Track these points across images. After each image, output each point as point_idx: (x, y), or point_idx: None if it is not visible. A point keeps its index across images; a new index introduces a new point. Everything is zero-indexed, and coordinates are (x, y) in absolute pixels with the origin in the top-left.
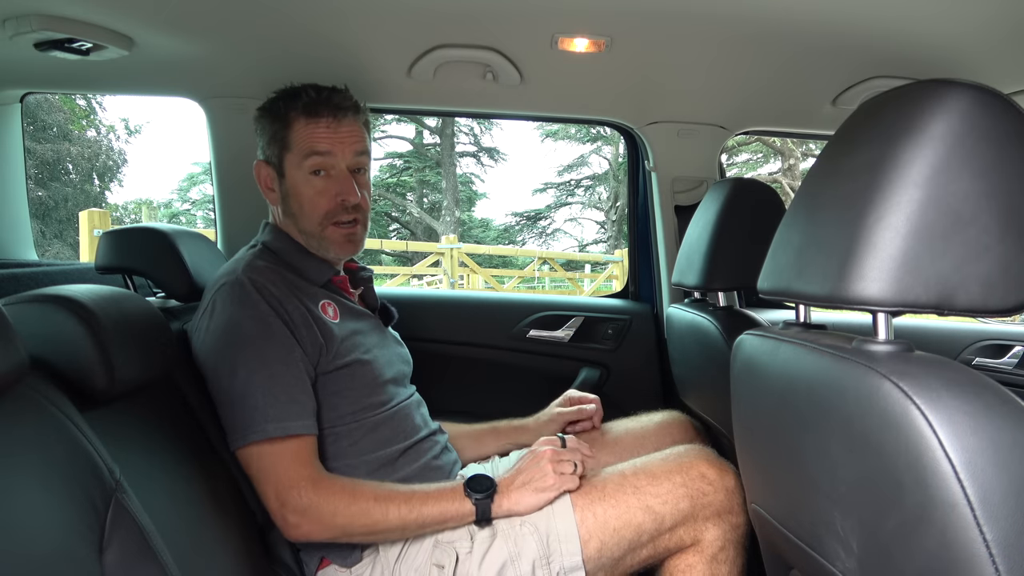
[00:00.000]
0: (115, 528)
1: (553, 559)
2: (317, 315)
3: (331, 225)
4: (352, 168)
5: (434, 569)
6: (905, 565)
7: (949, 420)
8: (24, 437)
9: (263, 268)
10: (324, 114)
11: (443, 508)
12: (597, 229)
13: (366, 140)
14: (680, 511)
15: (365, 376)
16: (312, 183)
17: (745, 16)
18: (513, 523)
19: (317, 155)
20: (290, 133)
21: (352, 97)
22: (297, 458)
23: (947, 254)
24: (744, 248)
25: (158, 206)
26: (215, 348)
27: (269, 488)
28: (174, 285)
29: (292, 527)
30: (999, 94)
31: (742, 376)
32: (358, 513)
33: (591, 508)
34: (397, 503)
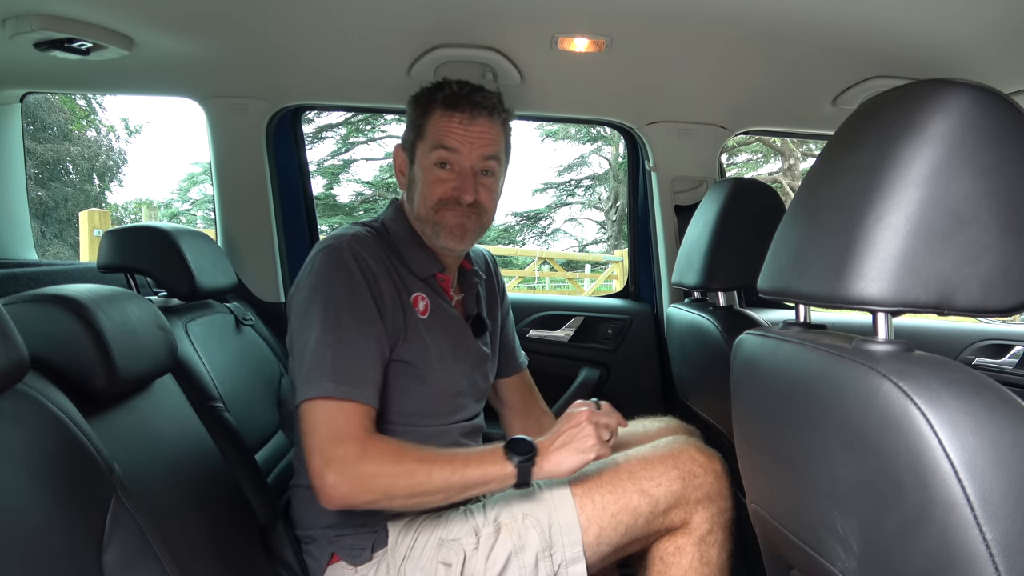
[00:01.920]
0: (115, 528)
1: (555, 550)
2: (407, 303)
3: (444, 209)
4: (477, 169)
5: (441, 567)
6: (905, 565)
7: (949, 420)
8: (24, 437)
9: (368, 242)
10: (461, 109)
11: (485, 470)
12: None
13: (498, 143)
14: (673, 492)
15: (436, 386)
16: (435, 172)
17: (745, 16)
18: (516, 517)
19: (444, 149)
20: (427, 122)
21: (494, 98)
22: (349, 419)
23: (947, 254)
24: (744, 248)
25: (158, 206)
26: (302, 303)
27: (315, 445)
28: (176, 284)
29: (330, 487)
30: (999, 94)
31: (742, 376)
32: (403, 472)
33: (589, 496)
34: (441, 464)
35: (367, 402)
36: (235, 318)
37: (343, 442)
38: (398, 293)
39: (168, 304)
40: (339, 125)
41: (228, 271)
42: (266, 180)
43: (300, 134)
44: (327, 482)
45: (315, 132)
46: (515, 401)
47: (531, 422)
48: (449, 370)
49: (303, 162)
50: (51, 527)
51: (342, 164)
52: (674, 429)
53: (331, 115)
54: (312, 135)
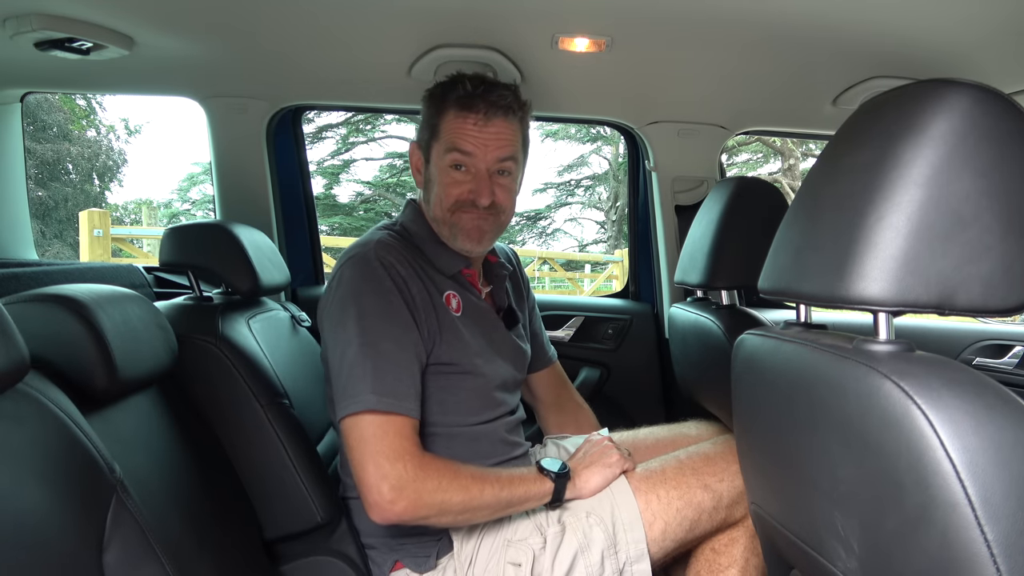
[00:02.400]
0: (115, 528)
1: (620, 548)
2: (439, 303)
3: (459, 212)
4: (493, 171)
5: (510, 568)
6: (906, 565)
7: (950, 420)
8: (24, 437)
9: (393, 247)
10: (476, 109)
11: (527, 488)
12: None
13: (515, 143)
14: (736, 487)
15: (477, 382)
16: (450, 174)
17: (745, 16)
18: (579, 516)
19: (458, 152)
20: (441, 122)
21: (509, 96)
22: (400, 434)
23: (948, 254)
24: (747, 247)
25: (158, 206)
26: (335, 317)
27: (369, 459)
28: (240, 281)
29: (387, 503)
30: (1000, 94)
31: (743, 375)
32: (459, 488)
33: (654, 491)
34: (491, 481)
35: (411, 414)
36: (292, 317)
37: (400, 459)
38: (429, 295)
39: (230, 300)
40: (339, 125)
41: (283, 269)
42: (266, 180)
43: (300, 134)
44: (384, 497)
45: (315, 132)
46: (548, 395)
47: (567, 417)
48: (489, 364)
49: (303, 162)
50: (51, 527)
51: (342, 164)
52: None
53: (331, 115)
54: (312, 135)
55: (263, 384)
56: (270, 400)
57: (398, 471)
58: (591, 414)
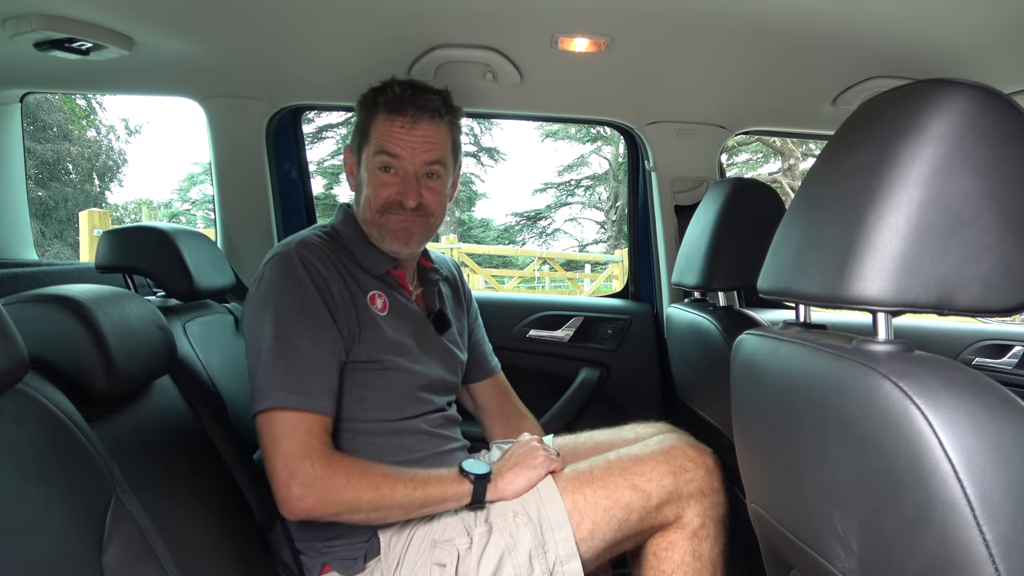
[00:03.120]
0: (115, 528)
1: (548, 548)
2: (361, 302)
3: (389, 213)
4: (421, 174)
5: (435, 569)
6: (905, 565)
7: (949, 420)
8: (24, 437)
9: (316, 246)
10: (403, 112)
11: (444, 488)
12: (597, 229)
13: (442, 147)
14: (664, 487)
15: (398, 379)
16: (379, 176)
17: (745, 16)
18: (506, 516)
19: (386, 154)
20: (371, 125)
21: (437, 100)
22: (310, 432)
23: (947, 254)
24: (744, 248)
25: (158, 206)
26: (254, 314)
27: (279, 457)
28: (175, 284)
29: (295, 499)
30: (999, 94)
31: (742, 376)
32: (368, 487)
33: (581, 491)
34: (403, 481)
35: (323, 412)
36: (235, 319)
37: (308, 456)
38: (351, 293)
39: (166, 304)
40: (339, 125)
41: (227, 271)
42: (266, 180)
43: (300, 134)
44: (292, 494)
45: (315, 132)
46: (491, 405)
47: (511, 425)
48: (415, 363)
49: (303, 162)
50: (51, 527)
51: (342, 164)
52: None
53: (331, 115)
54: (312, 135)
55: (194, 388)
56: (199, 403)
57: (306, 469)
58: (535, 423)
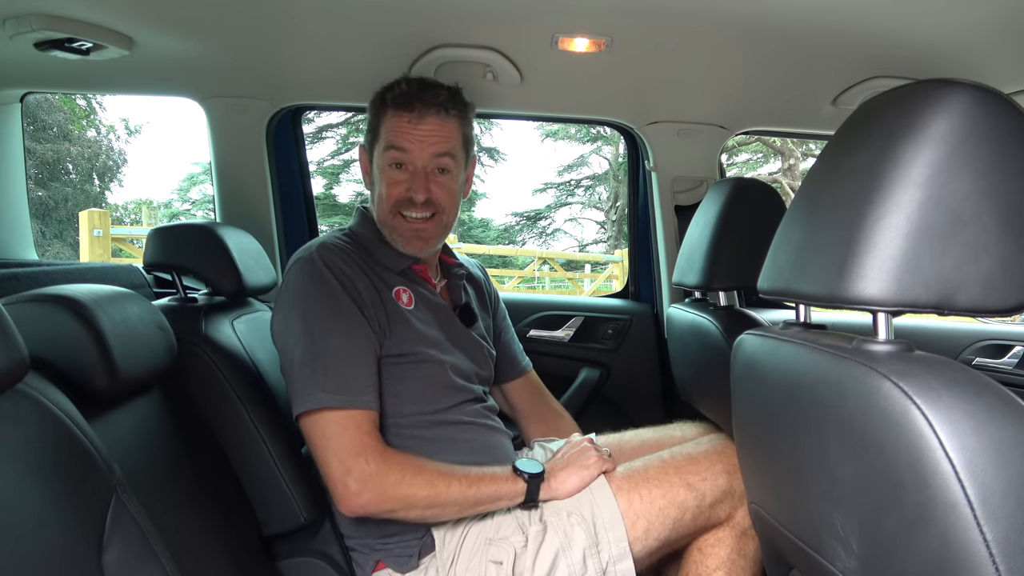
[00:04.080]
0: (115, 528)
1: (602, 547)
2: (388, 297)
3: (399, 216)
4: (430, 168)
5: (491, 566)
6: (905, 565)
7: (949, 420)
8: (24, 437)
9: (337, 248)
10: (410, 108)
11: (498, 487)
12: (597, 229)
13: (451, 140)
14: (719, 487)
15: (432, 370)
16: (390, 174)
17: (745, 16)
18: (560, 515)
19: (395, 149)
20: (380, 123)
21: (444, 94)
22: (359, 428)
23: (947, 254)
24: (745, 248)
25: (158, 206)
26: (284, 320)
27: (332, 455)
28: (224, 283)
29: (352, 495)
30: (999, 94)
31: (742, 376)
32: (423, 483)
33: (636, 491)
34: (458, 478)
35: (368, 407)
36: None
37: (362, 453)
38: (377, 290)
39: (213, 302)
40: (339, 125)
41: (270, 269)
42: (266, 180)
43: (300, 134)
44: (350, 490)
45: (315, 132)
46: (525, 405)
47: (548, 425)
48: (444, 355)
49: (303, 162)
50: (51, 527)
51: (342, 164)
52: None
53: (331, 115)
54: (312, 135)
55: (245, 385)
56: (252, 401)
57: (361, 465)
58: (572, 422)
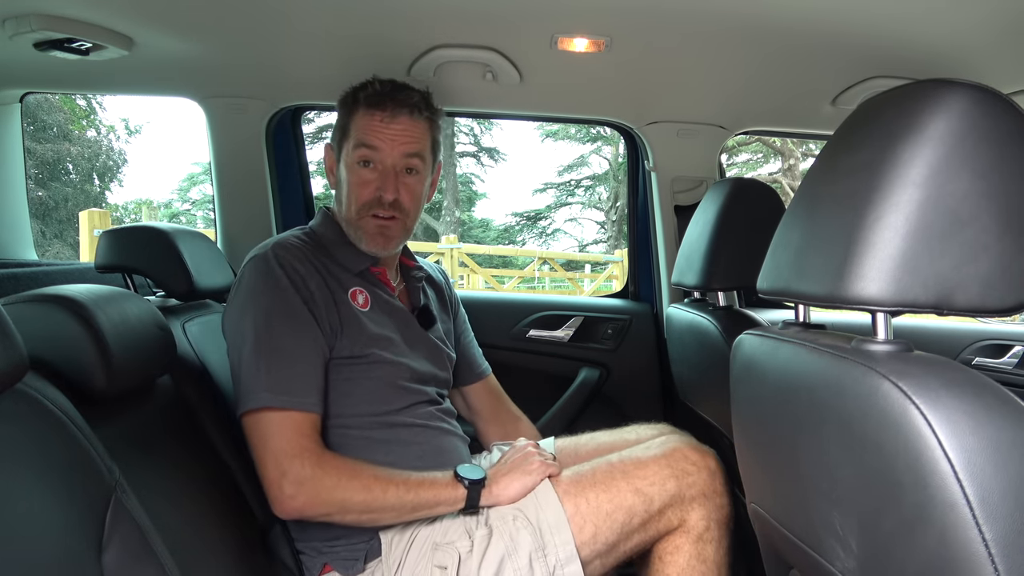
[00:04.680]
0: (115, 528)
1: (548, 550)
2: (342, 299)
3: (368, 216)
4: (400, 168)
5: (436, 571)
6: (904, 565)
7: (948, 420)
8: (24, 437)
9: (293, 246)
10: (382, 107)
11: (437, 492)
12: (597, 229)
13: (421, 141)
14: (667, 491)
15: (384, 372)
16: (358, 172)
17: (745, 16)
18: (506, 519)
19: (365, 147)
20: (351, 121)
21: (416, 96)
22: (299, 430)
23: (946, 254)
24: (744, 248)
25: (158, 206)
26: (234, 317)
27: (269, 456)
28: (174, 284)
29: (287, 498)
30: (999, 94)
31: (741, 376)
32: (359, 488)
33: (583, 495)
34: (396, 483)
35: (310, 409)
36: None
37: (298, 456)
38: (331, 291)
39: (166, 304)
40: None
41: (226, 271)
42: (266, 180)
43: (300, 134)
44: (284, 493)
45: (315, 132)
46: (484, 408)
47: (507, 429)
48: (398, 357)
49: (303, 162)
50: (50, 527)
51: None
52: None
53: (331, 115)
54: (312, 135)
55: (193, 388)
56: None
57: (296, 468)
58: (530, 425)
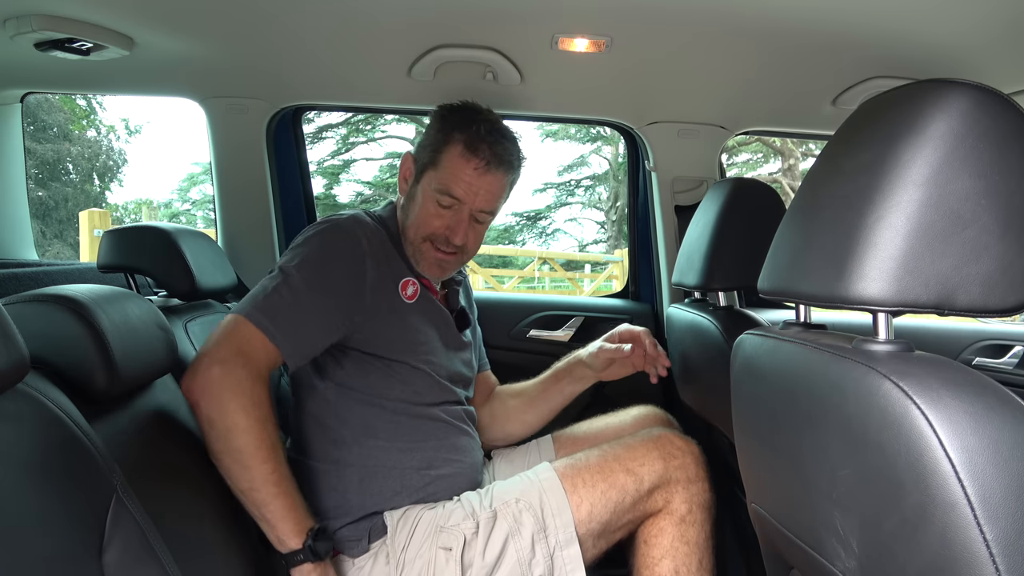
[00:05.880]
0: (115, 528)
1: (549, 532)
2: (392, 288)
3: (430, 243)
4: (474, 217)
5: (440, 553)
6: (905, 565)
7: (949, 420)
8: (25, 437)
9: (367, 225)
10: (480, 155)
11: (284, 517)
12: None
13: (501, 198)
14: (656, 472)
15: (425, 364)
16: (434, 207)
17: (745, 16)
18: (509, 503)
19: (449, 196)
20: (444, 152)
21: (514, 151)
22: (258, 351)
23: (947, 254)
24: (744, 248)
25: (158, 206)
26: (280, 260)
27: (223, 339)
28: (176, 284)
29: (202, 372)
30: (999, 94)
31: (742, 376)
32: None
33: (579, 476)
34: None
35: (280, 348)
36: None
37: (245, 363)
38: (385, 276)
39: (168, 304)
40: (339, 125)
41: (228, 271)
42: (266, 180)
43: (300, 134)
44: (206, 369)
45: (315, 132)
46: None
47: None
48: (436, 356)
49: (303, 162)
50: (51, 527)
51: (342, 164)
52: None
53: (331, 115)
54: (312, 135)
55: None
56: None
57: (233, 364)
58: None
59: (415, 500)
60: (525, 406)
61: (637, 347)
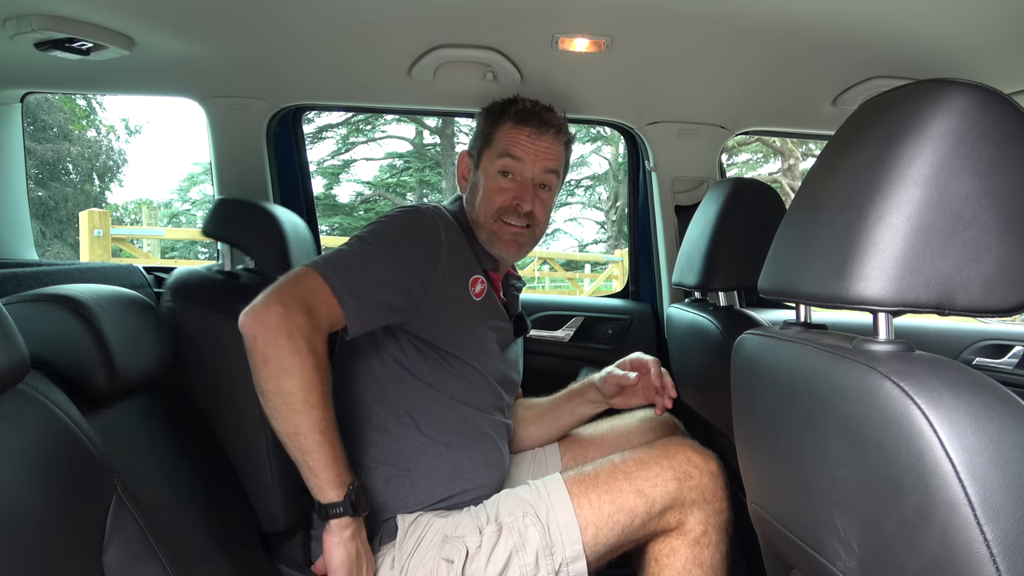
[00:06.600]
0: (116, 528)
1: (555, 549)
2: (462, 281)
3: (502, 221)
4: (538, 182)
5: (443, 564)
6: (906, 565)
7: (950, 420)
8: (24, 437)
9: (445, 216)
10: (530, 124)
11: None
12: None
13: (560, 160)
14: (668, 493)
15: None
16: (498, 180)
17: (745, 16)
18: (516, 515)
19: (510, 157)
20: (496, 132)
21: (560, 119)
22: (323, 307)
23: (947, 254)
24: (744, 248)
25: (158, 206)
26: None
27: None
28: (270, 261)
29: (261, 311)
30: (1000, 94)
31: (742, 376)
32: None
33: (586, 496)
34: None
35: (343, 305)
36: None
37: (307, 311)
38: (457, 268)
39: (254, 281)
40: (339, 125)
41: (312, 254)
42: (266, 180)
43: (300, 134)
44: (260, 308)
45: (315, 132)
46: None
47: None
48: (489, 356)
49: (303, 162)
50: (51, 527)
51: (342, 164)
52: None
53: (331, 115)
54: (312, 135)
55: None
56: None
57: (294, 310)
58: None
59: (431, 507)
60: (535, 419)
61: (643, 376)
